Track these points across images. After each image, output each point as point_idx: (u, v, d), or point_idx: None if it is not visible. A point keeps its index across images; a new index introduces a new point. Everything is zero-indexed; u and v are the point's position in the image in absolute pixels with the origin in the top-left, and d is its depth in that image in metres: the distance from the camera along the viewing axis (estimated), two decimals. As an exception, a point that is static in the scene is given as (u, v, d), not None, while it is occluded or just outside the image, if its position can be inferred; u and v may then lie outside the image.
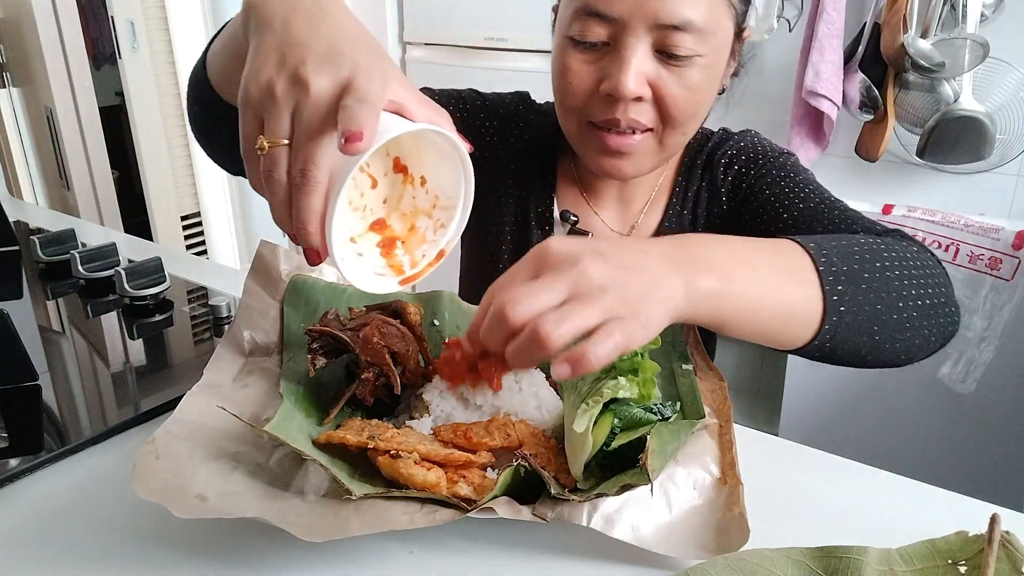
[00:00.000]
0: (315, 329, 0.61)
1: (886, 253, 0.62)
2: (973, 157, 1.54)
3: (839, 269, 0.58)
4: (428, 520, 0.47)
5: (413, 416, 0.60)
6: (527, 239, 0.90)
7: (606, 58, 0.71)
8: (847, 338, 0.59)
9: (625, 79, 0.68)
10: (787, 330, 0.57)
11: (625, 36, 0.69)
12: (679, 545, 0.49)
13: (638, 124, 0.72)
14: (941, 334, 0.65)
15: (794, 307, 0.56)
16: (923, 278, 0.63)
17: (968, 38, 1.46)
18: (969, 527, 0.44)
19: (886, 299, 0.60)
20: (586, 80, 0.72)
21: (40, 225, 1.24)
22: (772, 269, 0.56)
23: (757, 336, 0.56)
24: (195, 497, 0.47)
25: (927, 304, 0.63)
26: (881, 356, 0.63)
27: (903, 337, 0.62)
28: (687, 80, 0.70)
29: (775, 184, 0.80)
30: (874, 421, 1.71)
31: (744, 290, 0.52)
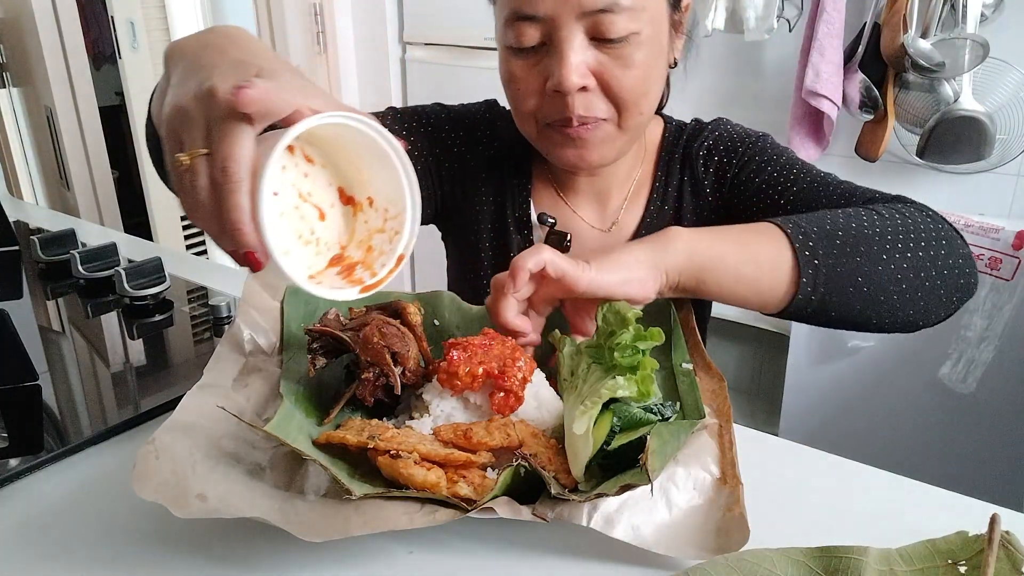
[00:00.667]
0: (315, 329, 0.61)
1: (865, 214, 0.66)
2: (973, 157, 1.54)
3: (808, 230, 0.63)
4: (428, 520, 0.47)
5: (413, 416, 0.60)
6: (507, 245, 0.90)
7: (546, 58, 0.72)
8: (834, 292, 0.63)
9: (567, 72, 0.69)
10: (763, 278, 0.62)
11: (557, 32, 0.70)
12: (679, 545, 0.49)
13: (590, 118, 0.73)
14: (951, 286, 0.66)
15: (763, 255, 0.62)
16: (914, 232, 0.65)
17: (968, 38, 1.46)
18: (969, 527, 0.44)
19: (867, 253, 0.63)
20: (532, 84, 0.74)
21: (40, 225, 1.24)
22: (736, 232, 0.64)
23: (739, 287, 0.62)
24: (195, 497, 0.47)
25: (920, 257, 0.65)
26: (883, 313, 0.65)
27: (898, 289, 0.64)
28: (628, 61, 0.71)
29: (762, 170, 0.81)
30: (874, 421, 1.71)
31: (711, 240, 0.61)
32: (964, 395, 1.56)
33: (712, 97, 1.91)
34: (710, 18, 1.71)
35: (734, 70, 1.88)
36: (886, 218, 0.67)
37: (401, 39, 2.35)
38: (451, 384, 0.57)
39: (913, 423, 1.66)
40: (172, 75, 0.51)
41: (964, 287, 0.67)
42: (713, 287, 0.62)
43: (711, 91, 1.91)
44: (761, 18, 1.68)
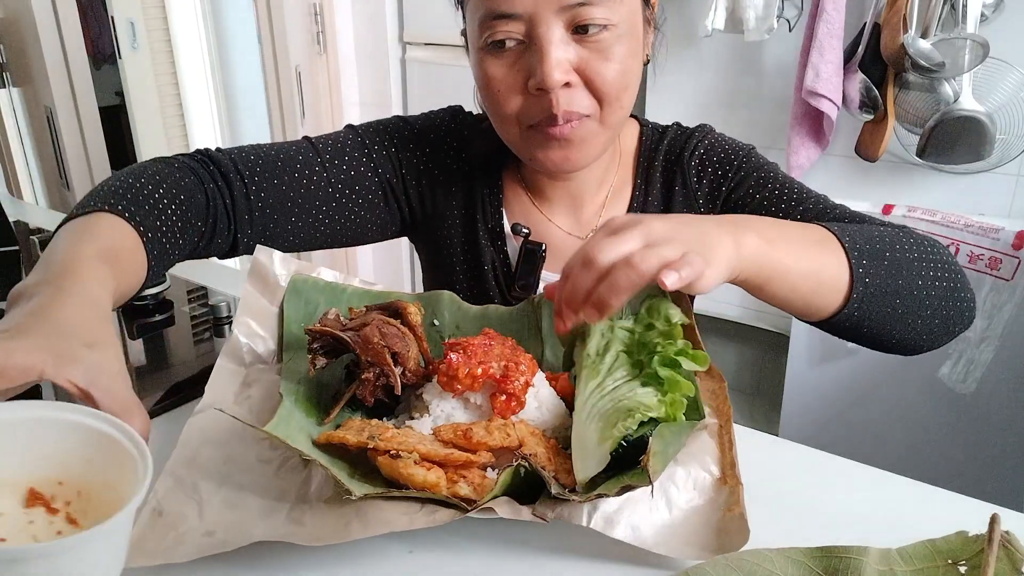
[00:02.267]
0: (315, 329, 0.61)
1: (903, 238, 0.68)
2: (973, 157, 1.54)
3: (861, 246, 0.64)
4: (428, 520, 0.47)
5: (413, 416, 0.60)
6: (479, 258, 0.87)
7: (524, 56, 0.71)
8: (873, 309, 0.64)
9: (549, 69, 0.68)
10: (819, 293, 0.62)
11: (537, 28, 0.69)
12: (679, 545, 0.49)
13: (574, 114, 0.72)
14: (960, 318, 0.70)
15: (825, 272, 0.62)
16: (938, 262, 0.68)
17: (968, 38, 1.46)
18: (969, 527, 0.44)
19: (907, 275, 0.65)
20: (512, 84, 0.72)
21: (40, 225, 1.24)
22: (803, 239, 0.63)
23: (793, 297, 0.62)
24: (202, 535, 0.48)
25: (944, 287, 0.68)
26: (906, 334, 0.68)
27: (924, 315, 0.67)
28: (608, 54, 0.71)
29: (761, 188, 0.80)
30: (874, 421, 1.71)
31: (782, 251, 0.59)
32: (964, 395, 1.56)
33: (712, 97, 1.91)
34: (710, 18, 1.71)
35: (734, 70, 1.88)
36: (920, 243, 0.69)
37: (401, 39, 2.35)
38: (451, 387, 0.58)
39: (913, 423, 1.66)
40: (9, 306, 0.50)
41: (967, 320, 0.71)
42: (768, 295, 0.61)
43: (711, 91, 1.91)
44: (761, 18, 1.68)
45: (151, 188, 0.69)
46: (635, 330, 0.60)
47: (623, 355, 0.58)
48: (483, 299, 0.86)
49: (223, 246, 0.78)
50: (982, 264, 1.51)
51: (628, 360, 0.57)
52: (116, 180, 0.70)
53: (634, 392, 0.54)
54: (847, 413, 1.74)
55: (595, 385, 0.56)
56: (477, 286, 0.89)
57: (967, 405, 1.57)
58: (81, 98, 1.90)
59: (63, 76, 1.86)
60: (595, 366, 0.58)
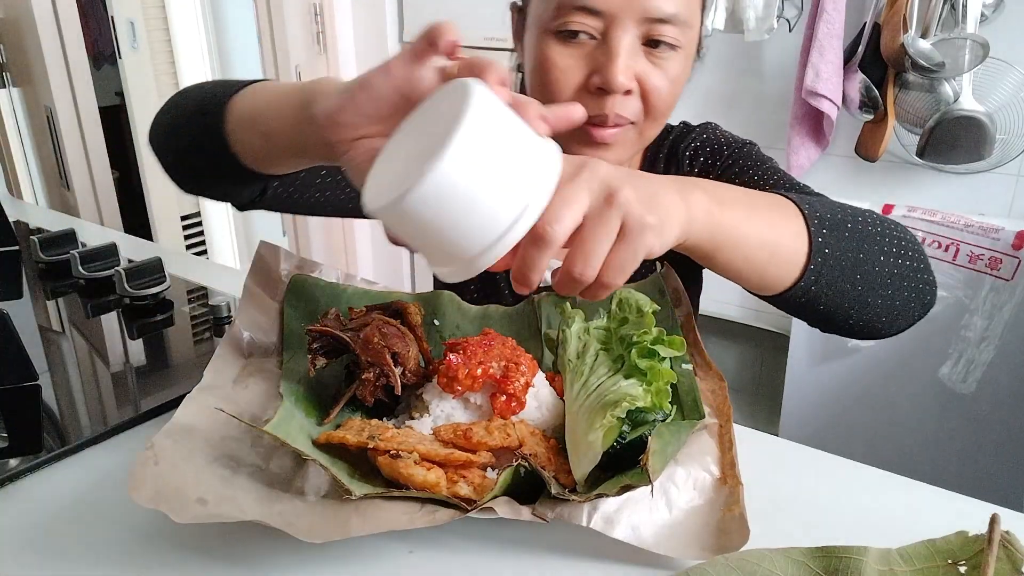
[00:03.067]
0: (315, 329, 0.61)
1: (867, 215, 0.65)
2: (973, 157, 1.54)
3: (823, 216, 0.60)
4: (428, 520, 0.47)
5: (413, 416, 0.60)
6: None
7: (594, 52, 0.71)
8: (831, 283, 0.60)
9: (617, 71, 0.69)
10: (774, 263, 0.58)
11: (614, 29, 0.69)
12: (679, 545, 0.49)
13: (623, 119, 0.73)
14: (920, 302, 0.67)
15: (782, 240, 0.57)
16: (902, 242, 0.66)
17: (968, 38, 1.46)
18: (969, 527, 0.44)
19: (868, 250, 0.62)
20: (573, 76, 0.72)
21: (40, 225, 1.24)
22: (761, 205, 0.58)
23: (746, 268, 0.56)
24: (195, 501, 0.47)
25: (906, 266, 0.65)
26: (863, 313, 0.64)
27: (884, 294, 0.64)
28: (669, 72, 0.72)
29: (744, 173, 0.82)
30: (874, 421, 1.71)
31: (734, 214, 0.54)
32: (964, 395, 1.56)
33: (712, 97, 1.91)
34: (710, 18, 1.71)
35: (734, 70, 1.88)
36: (884, 222, 0.67)
37: (401, 39, 2.35)
38: (451, 389, 0.58)
39: (913, 423, 1.66)
40: None
41: (928, 304, 0.68)
42: (719, 264, 0.56)
43: (711, 91, 1.91)
44: (761, 18, 1.68)
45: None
46: (610, 327, 0.60)
47: (602, 353, 0.58)
48: (490, 289, 0.88)
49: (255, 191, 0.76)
50: (982, 264, 1.51)
51: (608, 357, 0.57)
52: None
53: (618, 385, 0.54)
54: (847, 413, 1.74)
55: (580, 386, 0.56)
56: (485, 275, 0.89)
57: (967, 405, 1.57)
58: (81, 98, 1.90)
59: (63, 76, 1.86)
60: (577, 368, 0.58)
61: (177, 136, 0.70)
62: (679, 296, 0.70)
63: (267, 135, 0.61)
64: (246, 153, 0.64)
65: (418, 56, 0.47)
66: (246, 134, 0.63)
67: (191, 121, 0.68)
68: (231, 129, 0.64)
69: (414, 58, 0.47)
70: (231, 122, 0.64)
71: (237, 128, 0.64)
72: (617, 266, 0.44)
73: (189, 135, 0.68)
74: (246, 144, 0.64)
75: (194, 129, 0.67)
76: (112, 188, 2.03)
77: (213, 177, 0.69)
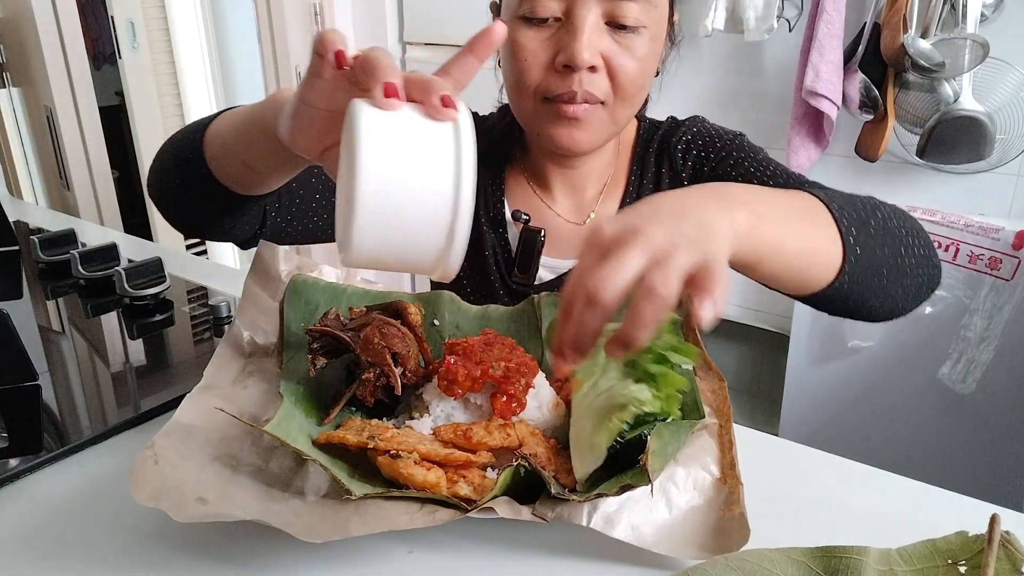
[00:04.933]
0: (316, 329, 0.61)
1: (881, 208, 0.67)
2: (973, 157, 1.54)
3: (849, 215, 0.62)
4: (428, 520, 0.47)
5: (413, 416, 0.60)
6: (480, 244, 0.90)
7: (559, 32, 0.74)
8: (860, 281, 0.62)
9: (580, 48, 0.72)
10: (812, 268, 0.59)
11: (577, 8, 0.72)
12: (679, 545, 0.49)
13: (592, 96, 0.75)
14: (929, 284, 0.70)
15: (818, 246, 0.59)
16: (912, 229, 0.68)
17: (968, 38, 1.46)
18: (969, 527, 0.44)
19: (891, 244, 0.64)
20: (541, 56, 0.75)
21: (40, 225, 1.24)
22: (794, 210, 0.59)
23: (785, 275, 0.57)
24: (195, 500, 0.47)
25: (920, 255, 0.67)
26: (884, 303, 0.67)
27: (904, 283, 0.67)
28: (635, 51, 0.75)
29: (739, 165, 0.84)
30: (874, 421, 1.71)
31: (773, 227, 0.54)
32: (964, 395, 1.56)
33: (712, 97, 1.91)
34: (710, 18, 1.71)
35: (734, 70, 1.88)
36: (898, 213, 0.68)
37: (401, 39, 2.35)
38: (451, 392, 0.58)
39: (913, 423, 1.66)
40: None
41: (935, 284, 0.71)
42: (759, 275, 0.56)
43: (711, 91, 1.91)
44: (761, 18, 1.68)
45: None
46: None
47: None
48: (484, 284, 0.90)
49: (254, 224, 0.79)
50: (982, 264, 1.51)
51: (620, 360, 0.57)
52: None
53: (627, 389, 0.54)
54: (847, 413, 1.74)
55: (589, 386, 0.56)
56: (478, 271, 0.91)
57: (967, 405, 1.57)
58: (81, 98, 1.90)
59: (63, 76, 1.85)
60: (589, 369, 0.58)
61: (168, 183, 0.74)
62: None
63: (244, 162, 0.65)
64: (232, 181, 0.68)
65: (318, 73, 0.49)
66: (226, 165, 0.67)
67: (177, 167, 0.71)
68: (211, 164, 0.68)
69: (315, 74, 0.49)
70: (210, 158, 0.68)
71: (216, 163, 0.68)
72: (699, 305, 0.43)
73: (178, 179, 0.71)
74: (230, 174, 0.67)
75: (181, 174, 0.71)
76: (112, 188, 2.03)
77: (211, 213, 0.73)
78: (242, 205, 0.71)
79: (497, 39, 0.52)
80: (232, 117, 0.67)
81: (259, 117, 0.60)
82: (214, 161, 0.67)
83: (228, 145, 0.66)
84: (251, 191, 0.69)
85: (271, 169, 0.64)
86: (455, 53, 0.52)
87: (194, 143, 0.69)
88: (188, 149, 0.69)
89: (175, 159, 0.72)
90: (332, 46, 0.47)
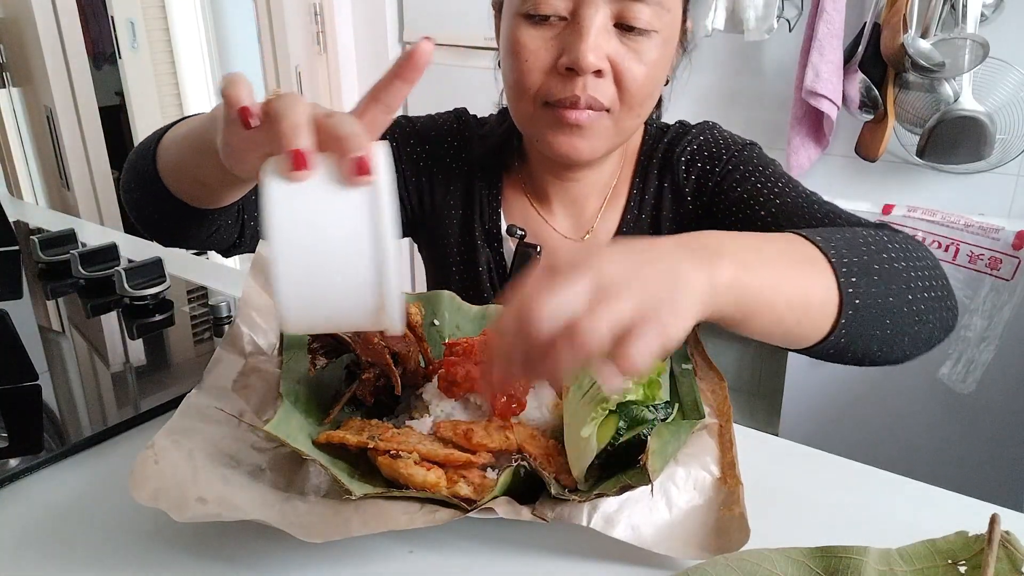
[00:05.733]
0: (315, 329, 0.61)
1: (890, 245, 0.61)
2: (973, 157, 1.54)
3: (850, 261, 0.56)
4: (428, 520, 0.47)
5: (413, 416, 0.60)
6: (475, 258, 0.87)
7: (563, 32, 0.70)
8: (861, 333, 0.57)
9: (586, 50, 0.67)
10: (805, 322, 0.54)
11: (584, 8, 0.68)
12: (679, 545, 0.49)
13: (596, 102, 0.71)
14: (944, 327, 0.64)
15: (812, 298, 0.54)
16: (926, 270, 0.62)
17: (968, 38, 1.46)
18: (969, 527, 0.44)
19: (897, 291, 0.59)
20: (543, 57, 0.71)
21: (40, 225, 1.24)
22: (787, 261, 0.54)
23: (776, 330, 0.53)
24: (195, 500, 0.47)
25: (933, 296, 0.62)
26: (891, 352, 0.61)
27: (912, 331, 0.61)
28: (644, 56, 0.70)
29: (745, 180, 0.78)
30: (874, 421, 1.71)
31: (763, 281, 0.49)
32: (964, 395, 1.56)
33: (712, 97, 1.91)
34: (710, 18, 1.70)
35: (734, 70, 1.88)
36: (907, 249, 0.62)
37: (401, 39, 2.35)
38: (451, 392, 0.58)
39: (913, 423, 1.66)
40: None
41: (950, 328, 0.66)
42: (747, 330, 0.52)
43: (711, 91, 1.91)
44: (761, 18, 1.68)
45: None
46: None
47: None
48: (477, 300, 0.84)
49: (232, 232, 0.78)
50: (982, 264, 1.51)
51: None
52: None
53: None
54: (847, 413, 1.74)
55: (575, 388, 0.57)
56: (472, 287, 0.89)
57: (967, 405, 1.57)
58: (81, 98, 1.90)
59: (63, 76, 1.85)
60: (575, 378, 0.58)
61: (132, 198, 0.73)
62: None
63: (197, 180, 0.64)
64: (189, 197, 0.67)
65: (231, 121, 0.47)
66: (179, 183, 0.66)
67: (136, 182, 0.71)
68: (166, 181, 0.67)
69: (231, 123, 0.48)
70: (163, 175, 0.67)
71: (169, 180, 0.67)
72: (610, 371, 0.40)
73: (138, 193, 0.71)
74: (184, 191, 0.67)
75: (141, 189, 0.70)
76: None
77: (175, 225, 0.72)
78: (203, 217, 0.70)
79: (423, 61, 0.49)
80: (180, 132, 0.65)
81: (203, 134, 0.58)
82: (166, 176, 0.66)
83: (177, 161, 0.64)
84: (207, 205, 0.67)
85: (223, 185, 0.62)
86: (382, 76, 0.50)
87: (148, 157, 0.67)
88: (143, 162, 0.68)
89: (134, 171, 0.70)
90: (237, 103, 0.45)
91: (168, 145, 0.66)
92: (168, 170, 0.66)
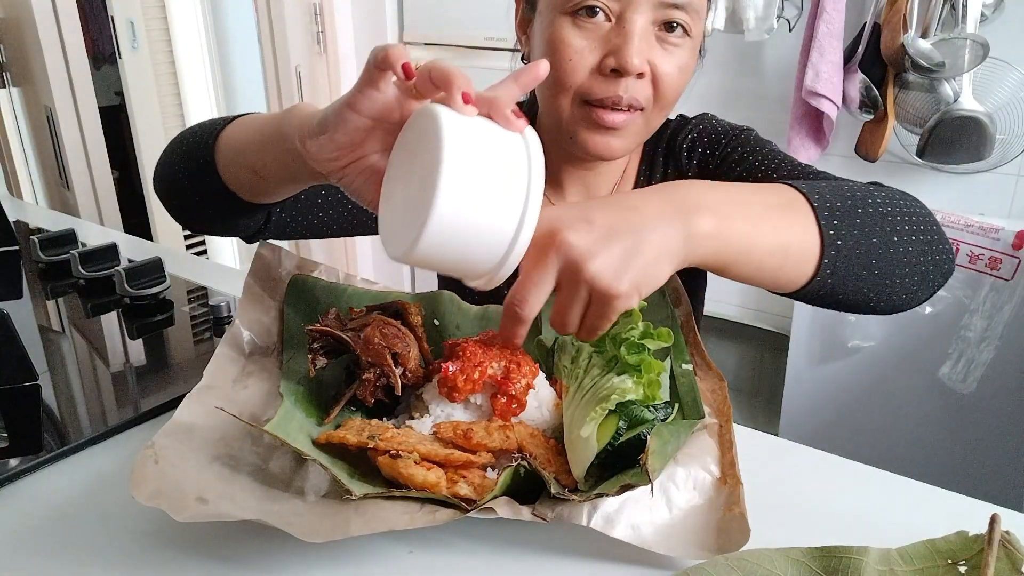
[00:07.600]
0: (316, 329, 0.61)
1: (876, 193, 0.64)
2: (973, 157, 1.54)
3: (832, 205, 0.59)
4: (428, 520, 0.47)
5: (413, 416, 0.60)
6: None
7: (608, 34, 0.73)
8: (848, 274, 0.59)
9: (632, 53, 0.71)
10: (787, 266, 0.57)
11: (632, 12, 0.71)
12: (679, 545, 0.49)
13: (636, 102, 0.74)
14: (939, 271, 0.66)
15: (792, 242, 0.56)
16: (914, 215, 0.64)
17: (968, 38, 1.46)
18: (969, 527, 0.44)
19: (881, 233, 0.61)
20: (587, 57, 0.73)
21: (40, 225, 1.24)
22: (767, 207, 0.56)
23: (759, 275, 0.56)
24: (195, 500, 0.47)
25: (922, 240, 0.64)
26: (883, 295, 0.63)
27: (902, 273, 0.63)
28: (678, 59, 0.74)
29: (744, 160, 0.83)
30: (874, 421, 1.71)
31: (742, 228, 0.52)
32: (964, 395, 1.56)
33: (712, 97, 1.91)
34: (710, 18, 1.70)
35: (734, 70, 1.88)
36: (894, 196, 0.65)
37: (401, 39, 2.34)
38: (451, 397, 0.58)
39: (913, 423, 1.66)
40: None
41: (947, 273, 0.67)
42: (731, 276, 0.55)
43: (711, 91, 1.91)
44: (761, 18, 1.68)
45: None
46: None
47: (596, 355, 0.58)
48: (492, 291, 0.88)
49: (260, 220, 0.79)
50: (982, 264, 1.51)
51: (602, 359, 0.58)
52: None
53: (610, 381, 0.54)
54: (847, 413, 1.74)
55: (574, 389, 0.57)
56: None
57: (967, 405, 1.57)
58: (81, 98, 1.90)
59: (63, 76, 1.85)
60: (573, 372, 0.59)
61: (176, 182, 0.73)
62: (678, 296, 0.70)
63: (255, 171, 0.64)
64: (241, 188, 0.67)
65: (374, 82, 0.49)
66: (236, 172, 0.67)
67: (186, 168, 0.71)
68: (222, 169, 0.67)
69: (371, 85, 0.49)
70: (220, 163, 0.67)
71: (226, 168, 0.67)
72: (589, 327, 0.49)
73: (187, 180, 0.71)
74: (239, 180, 0.67)
75: (189, 174, 0.70)
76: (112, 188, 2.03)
77: (216, 214, 0.73)
78: (249, 210, 0.71)
79: (543, 74, 0.53)
80: (247, 124, 0.66)
81: (277, 126, 0.59)
82: (225, 167, 0.67)
83: (241, 152, 0.65)
84: (259, 199, 0.68)
85: (282, 181, 0.63)
86: (499, 81, 0.53)
87: (206, 147, 0.68)
88: (199, 152, 0.69)
89: (185, 160, 0.71)
90: (399, 59, 0.48)
91: (233, 136, 0.67)
92: (228, 161, 0.67)
